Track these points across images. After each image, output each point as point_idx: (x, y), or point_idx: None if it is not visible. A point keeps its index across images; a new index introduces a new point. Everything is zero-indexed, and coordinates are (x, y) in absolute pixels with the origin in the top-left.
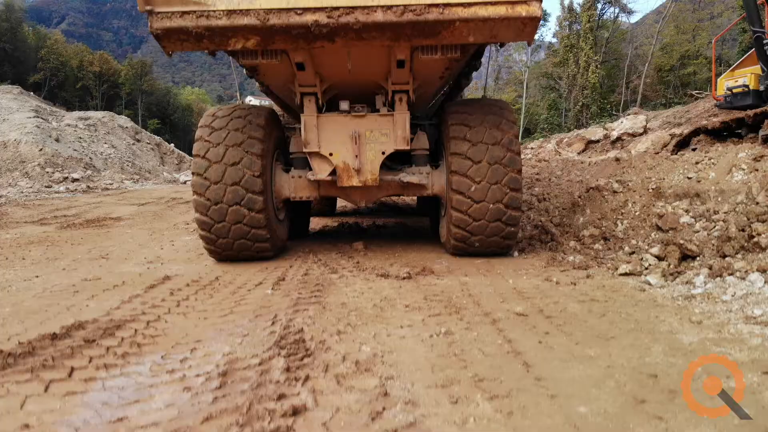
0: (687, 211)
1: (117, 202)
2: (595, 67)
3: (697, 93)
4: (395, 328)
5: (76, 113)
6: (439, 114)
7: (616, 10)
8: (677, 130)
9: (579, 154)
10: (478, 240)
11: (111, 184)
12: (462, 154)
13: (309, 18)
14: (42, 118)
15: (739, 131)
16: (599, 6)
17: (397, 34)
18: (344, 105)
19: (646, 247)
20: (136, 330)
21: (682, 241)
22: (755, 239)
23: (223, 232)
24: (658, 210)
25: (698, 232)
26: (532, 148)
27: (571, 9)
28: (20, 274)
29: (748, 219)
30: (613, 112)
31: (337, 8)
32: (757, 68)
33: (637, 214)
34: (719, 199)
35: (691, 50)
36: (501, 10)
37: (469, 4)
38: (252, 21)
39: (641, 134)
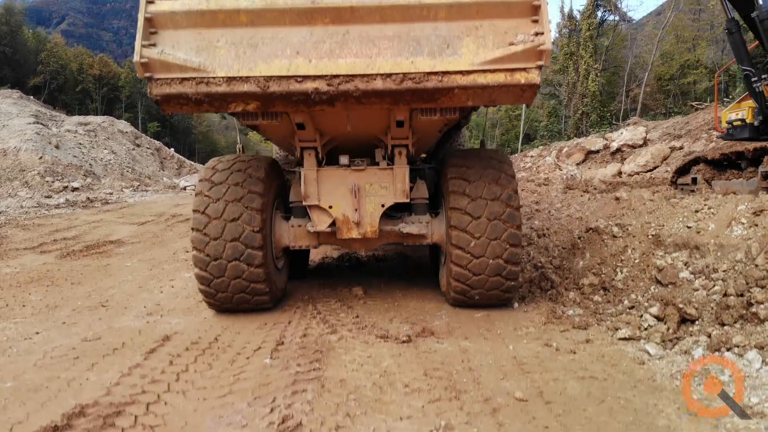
0: (686, 264)
1: (116, 220)
2: (595, 76)
3: (697, 104)
4: (395, 420)
5: (76, 118)
6: (437, 158)
7: (616, 18)
8: (677, 143)
9: (578, 165)
10: (477, 293)
11: (110, 194)
12: (461, 209)
13: (309, 85)
14: (42, 124)
15: (739, 163)
16: (599, 14)
17: (396, 99)
18: (344, 159)
19: (646, 304)
20: (136, 418)
21: (681, 305)
22: (753, 309)
23: (222, 287)
24: (658, 261)
25: (697, 290)
26: (531, 156)
27: (570, 16)
28: (21, 330)
29: (747, 283)
30: (613, 122)
31: (337, 76)
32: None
33: (636, 261)
34: (719, 254)
35: (691, 60)
36: (500, 78)
37: (468, 72)
38: (252, 88)
39: (641, 145)
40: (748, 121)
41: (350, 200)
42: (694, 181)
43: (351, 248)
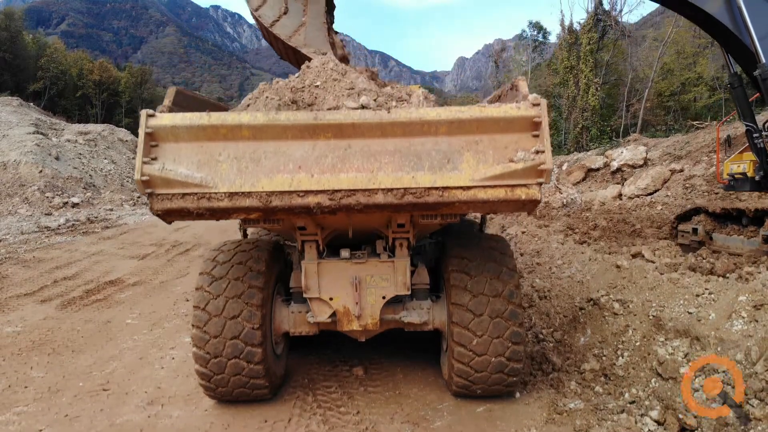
0: (687, 357)
1: (117, 252)
2: (595, 90)
3: (697, 123)
4: None
5: (76, 127)
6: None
7: (617, 33)
8: (677, 165)
9: (579, 183)
10: (480, 388)
11: (111, 210)
12: (463, 306)
13: (311, 200)
14: (42, 133)
15: (741, 219)
16: (599, 28)
17: (397, 209)
18: (345, 253)
19: (647, 403)
20: None
21: (681, 416)
22: (752, 428)
23: (222, 382)
24: (659, 349)
25: (698, 390)
26: None
27: (571, 30)
28: (24, 426)
29: (746, 393)
30: (614, 137)
31: (338, 191)
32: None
33: (637, 345)
34: (719, 348)
35: (692, 78)
36: (500, 194)
37: (468, 188)
38: (254, 203)
39: (641, 165)
40: (749, 174)
41: (351, 293)
42: (695, 231)
43: (351, 336)
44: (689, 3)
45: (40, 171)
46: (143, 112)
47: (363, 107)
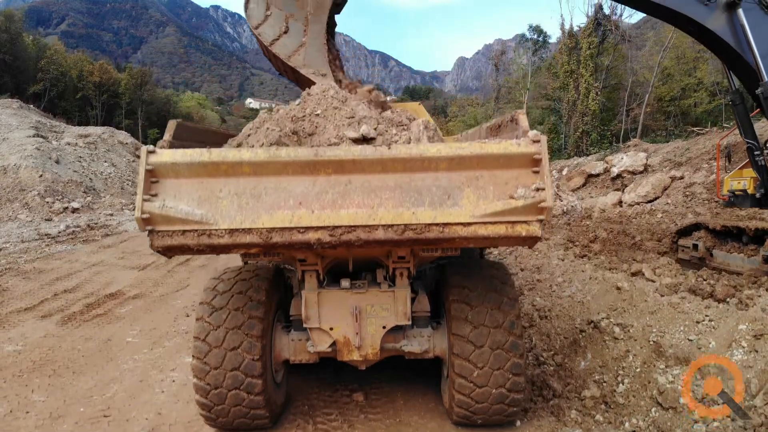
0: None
1: (117, 262)
2: (595, 95)
3: (698, 129)
4: None
5: (76, 129)
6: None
7: (617, 37)
8: (677, 173)
9: (579, 189)
10: (480, 418)
11: (111, 215)
12: (464, 337)
13: (311, 236)
14: (42, 136)
15: (741, 237)
16: (599, 33)
17: (397, 244)
18: (345, 283)
19: None
20: None
21: None
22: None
23: (223, 413)
24: (659, 377)
25: (697, 422)
26: None
27: (571, 34)
28: None
29: (745, 429)
30: (614, 142)
31: (339, 227)
32: None
33: (638, 371)
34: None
35: (692, 83)
36: (500, 230)
37: (469, 224)
38: (255, 239)
39: (641, 172)
40: (749, 191)
41: (351, 323)
42: (695, 247)
43: (351, 364)
44: (694, 21)
45: (41, 175)
46: (144, 149)
47: (363, 137)
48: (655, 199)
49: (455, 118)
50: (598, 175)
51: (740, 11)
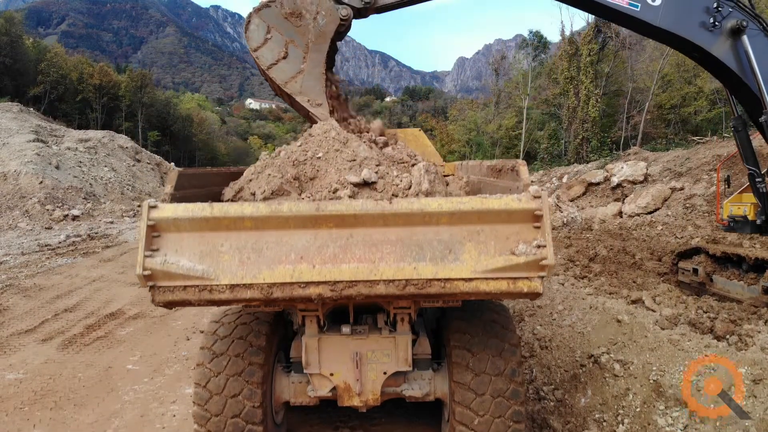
0: (686, 430)
1: (117, 278)
2: (595, 101)
3: (698, 139)
4: None
5: (76, 133)
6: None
7: (617, 44)
8: (677, 183)
9: (579, 197)
10: None
11: (111, 222)
12: (465, 385)
13: (312, 291)
14: (42, 141)
15: (741, 264)
16: (600, 39)
17: (399, 299)
18: (346, 329)
19: None
20: None
21: None
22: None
23: None
24: (659, 419)
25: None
26: (532, 182)
27: (571, 41)
28: None
29: None
30: (614, 150)
31: (340, 282)
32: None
33: (638, 411)
34: (717, 424)
35: (692, 92)
36: (502, 286)
37: (470, 279)
38: (255, 294)
39: (642, 181)
40: (750, 218)
41: (352, 368)
42: (695, 272)
43: (352, 407)
44: (698, 46)
45: (41, 182)
46: (145, 204)
47: (365, 181)
48: (656, 210)
49: (455, 122)
50: (598, 184)
51: (745, 38)
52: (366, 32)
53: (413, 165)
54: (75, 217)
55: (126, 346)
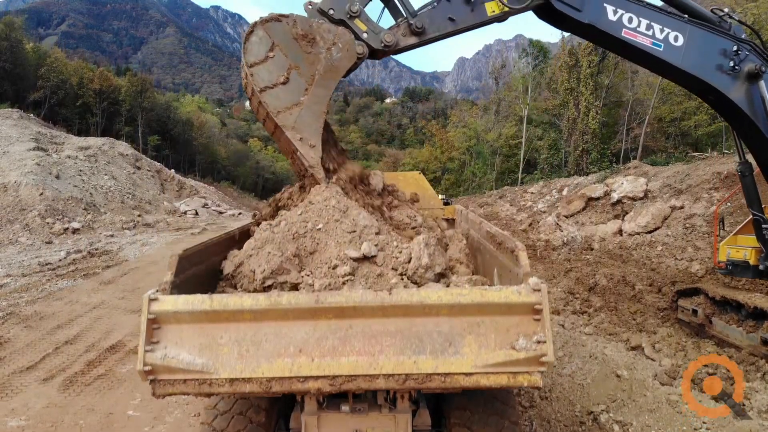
0: None
1: (118, 303)
2: (595, 113)
3: (698, 155)
4: None
5: (76, 140)
6: None
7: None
8: (677, 202)
9: (579, 213)
10: None
11: (111, 237)
12: None
13: (311, 385)
14: (42, 149)
15: (740, 310)
16: (600, 51)
17: (398, 392)
18: (345, 407)
19: None
20: None
21: None
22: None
23: None
24: None
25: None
26: (531, 194)
27: (571, 52)
28: None
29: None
30: (614, 162)
31: (339, 376)
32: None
33: None
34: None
35: (692, 106)
36: (503, 380)
37: (471, 374)
38: (254, 388)
39: (642, 198)
40: (751, 263)
41: None
42: (695, 312)
43: None
44: (714, 89)
45: (41, 193)
46: (145, 298)
47: (365, 256)
48: (656, 229)
49: (455, 129)
50: (598, 199)
51: (761, 83)
52: None
53: (413, 228)
54: (75, 230)
55: (126, 387)
